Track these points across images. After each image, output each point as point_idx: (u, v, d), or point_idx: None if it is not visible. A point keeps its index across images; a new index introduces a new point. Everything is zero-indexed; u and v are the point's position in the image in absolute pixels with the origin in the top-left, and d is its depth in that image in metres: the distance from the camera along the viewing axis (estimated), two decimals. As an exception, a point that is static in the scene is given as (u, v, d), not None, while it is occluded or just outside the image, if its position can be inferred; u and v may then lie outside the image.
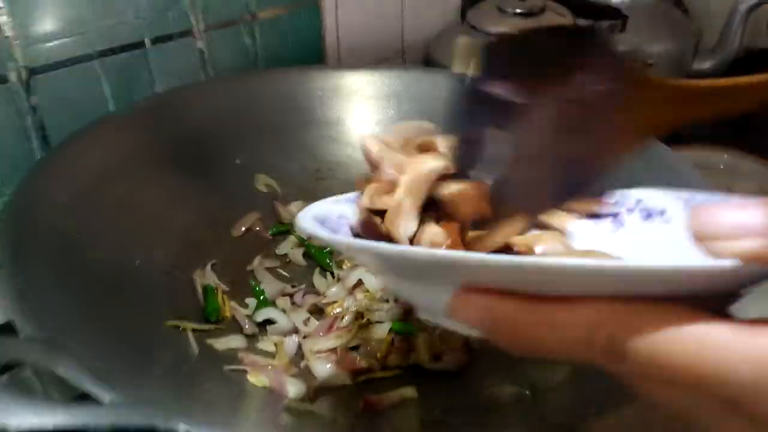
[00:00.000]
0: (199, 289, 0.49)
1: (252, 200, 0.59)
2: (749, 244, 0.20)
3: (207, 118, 0.59)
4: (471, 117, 0.32)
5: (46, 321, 0.34)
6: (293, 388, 0.41)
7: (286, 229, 0.57)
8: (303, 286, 0.52)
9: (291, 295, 0.50)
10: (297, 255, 0.55)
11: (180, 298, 0.48)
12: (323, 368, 0.43)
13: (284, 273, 0.54)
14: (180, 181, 0.55)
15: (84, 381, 0.30)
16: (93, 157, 0.50)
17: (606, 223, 0.34)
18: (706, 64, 0.92)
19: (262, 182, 0.60)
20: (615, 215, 0.34)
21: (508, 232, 0.31)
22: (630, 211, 0.34)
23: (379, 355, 0.44)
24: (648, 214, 0.33)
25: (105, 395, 0.29)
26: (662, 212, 0.32)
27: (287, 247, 0.56)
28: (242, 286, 0.51)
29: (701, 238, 0.21)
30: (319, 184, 0.62)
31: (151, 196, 0.52)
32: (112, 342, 0.37)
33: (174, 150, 0.56)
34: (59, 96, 0.60)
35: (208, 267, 0.51)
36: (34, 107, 0.59)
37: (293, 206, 0.59)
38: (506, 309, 0.23)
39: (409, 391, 0.41)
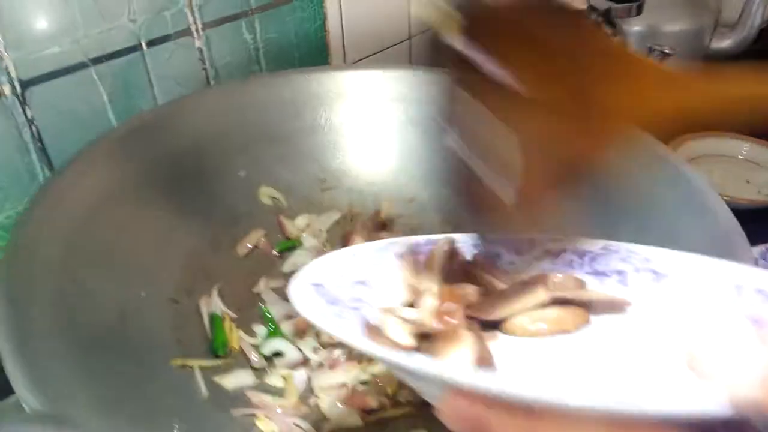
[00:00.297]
0: (206, 320, 0.48)
1: (257, 215, 0.57)
2: (746, 391, 0.19)
3: (207, 130, 0.57)
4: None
5: (49, 387, 0.33)
6: (303, 434, 0.40)
7: (293, 244, 0.56)
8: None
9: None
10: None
11: (186, 330, 0.47)
12: (333, 407, 0.42)
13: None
14: (182, 200, 0.54)
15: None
16: (90, 184, 0.48)
17: (611, 282, 0.33)
18: (725, 43, 0.89)
19: (267, 195, 0.58)
20: (620, 273, 0.33)
21: (520, 306, 0.30)
22: (637, 271, 0.32)
23: (389, 390, 0.44)
24: (655, 276, 0.31)
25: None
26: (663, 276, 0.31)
27: (292, 264, 0.54)
28: (250, 311, 0.50)
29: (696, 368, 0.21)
30: (326, 195, 0.60)
31: (153, 219, 0.51)
32: (119, 399, 0.36)
33: (174, 166, 0.54)
34: (56, 106, 0.58)
35: (215, 292, 0.50)
36: (31, 120, 0.57)
37: (299, 220, 0.58)
38: (494, 420, 0.22)
39: (421, 433, 0.41)
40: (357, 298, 0.30)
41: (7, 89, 0.55)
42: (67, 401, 0.33)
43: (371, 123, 0.62)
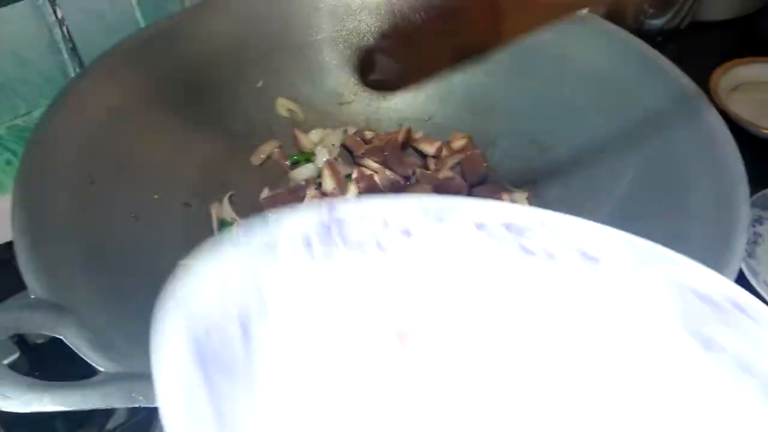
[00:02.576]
0: (215, 224, 0.51)
1: (273, 127, 0.58)
2: None
3: (229, 38, 0.57)
4: None
5: (57, 278, 0.37)
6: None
7: (306, 157, 0.57)
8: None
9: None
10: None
11: (195, 233, 0.50)
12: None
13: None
14: (200, 108, 0.55)
15: (83, 349, 0.33)
16: (110, 89, 0.50)
17: (537, 261, 0.26)
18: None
19: (284, 107, 0.59)
20: (549, 253, 0.26)
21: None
22: (567, 250, 0.26)
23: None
24: (586, 259, 0.26)
25: (102, 365, 0.32)
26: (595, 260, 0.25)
27: (298, 175, 0.56)
28: (258, 219, 0.53)
29: None
30: (343, 109, 0.61)
31: (170, 126, 0.53)
32: (123, 296, 0.39)
33: (194, 74, 0.55)
34: (85, 7, 0.59)
35: (226, 199, 0.53)
36: (62, 20, 0.59)
37: (314, 134, 0.59)
38: None
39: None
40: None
41: (37, -12, 0.56)
42: (72, 293, 0.37)
43: (393, 38, 0.61)
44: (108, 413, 0.48)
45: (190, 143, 0.54)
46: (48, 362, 0.47)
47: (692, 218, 0.41)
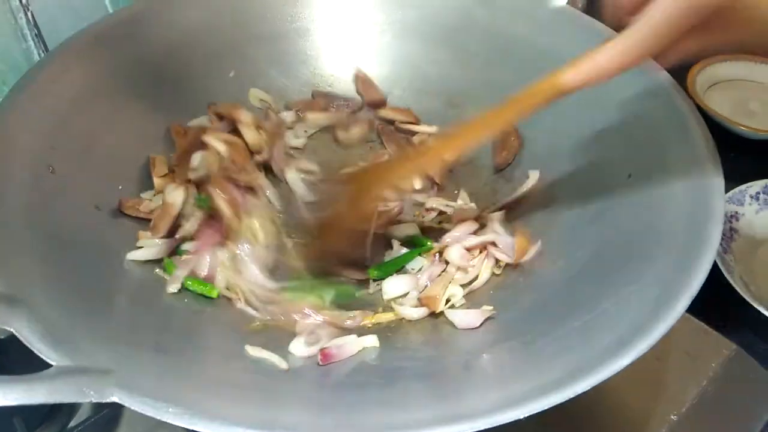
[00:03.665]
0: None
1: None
2: None
3: (200, 26, 0.56)
4: None
5: (10, 268, 0.35)
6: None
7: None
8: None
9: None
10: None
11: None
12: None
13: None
14: (169, 96, 0.54)
15: (34, 343, 0.31)
16: (74, 76, 0.49)
17: None
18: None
19: (256, 97, 0.58)
20: None
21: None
22: None
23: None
24: None
25: (53, 359, 0.31)
26: None
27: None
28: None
29: None
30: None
31: (137, 114, 0.52)
32: (81, 290, 0.38)
33: (163, 61, 0.54)
34: (51, -8, 0.58)
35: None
36: (26, 5, 0.57)
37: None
38: None
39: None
40: None
41: (-1, -28, 0.54)
42: (26, 284, 0.35)
43: (368, 28, 0.60)
44: (72, 410, 0.47)
45: (156, 133, 0.53)
46: (12, 357, 0.45)
47: (666, 210, 0.40)
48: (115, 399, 0.29)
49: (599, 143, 0.49)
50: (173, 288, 0.43)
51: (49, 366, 0.30)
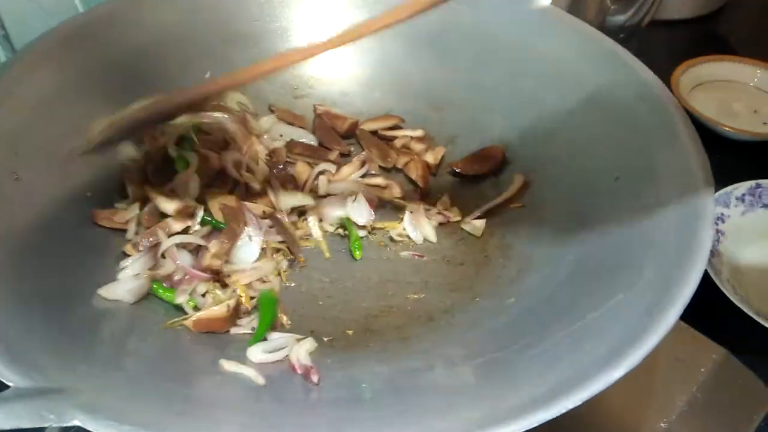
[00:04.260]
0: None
1: (221, 120, 0.55)
2: None
3: (174, 26, 0.54)
4: None
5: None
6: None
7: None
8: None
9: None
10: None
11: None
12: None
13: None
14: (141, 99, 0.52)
15: (-7, 364, 0.29)
16: (41, 79, 0.47)
17: None
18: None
19: (234, 100, 0.56)
20: None
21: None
22: None
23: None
24: None
25: (11, 380, 0.29)
26: None
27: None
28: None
29: None
30: (297, 103, 0.58)
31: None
32: (42, 306, 0.36)
33: (136, 63, 0.52)
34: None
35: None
36: (-9, 4, 0.55)
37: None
38: None
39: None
40: None
41: (-38, -30, 0.52)
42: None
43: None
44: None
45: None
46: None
47: (655, 215, 0.39)
48: (76, 423, 0.27)
49: (586, 147, 0.48)
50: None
51: (5, 387, 0.28)
